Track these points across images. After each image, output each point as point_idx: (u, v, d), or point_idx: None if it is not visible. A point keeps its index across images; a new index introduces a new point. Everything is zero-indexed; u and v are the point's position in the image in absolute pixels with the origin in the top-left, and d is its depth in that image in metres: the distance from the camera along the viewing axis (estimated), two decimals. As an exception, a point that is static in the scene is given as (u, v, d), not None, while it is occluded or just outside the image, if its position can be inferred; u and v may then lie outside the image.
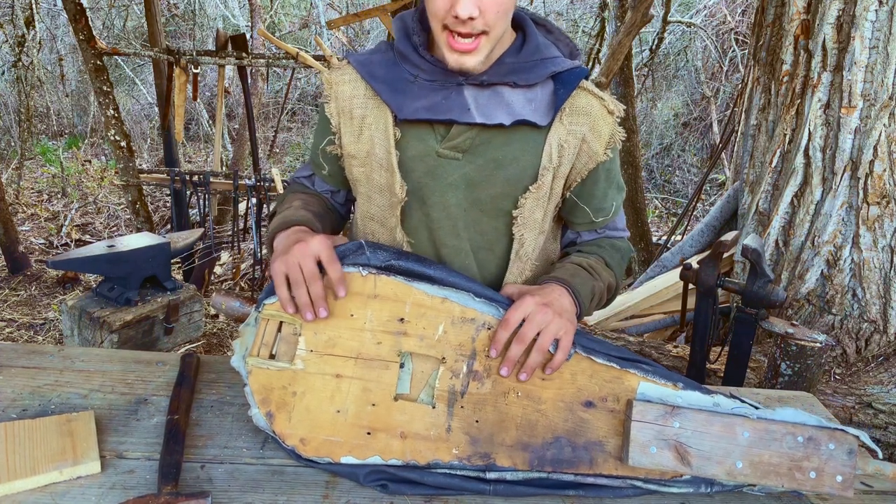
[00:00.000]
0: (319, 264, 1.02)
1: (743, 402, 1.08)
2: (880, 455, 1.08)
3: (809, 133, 2.72)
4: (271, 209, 1.38)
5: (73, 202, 6.10)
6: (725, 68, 8.11)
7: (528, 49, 1.13)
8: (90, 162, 7.48)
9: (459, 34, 1.02)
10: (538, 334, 1.01)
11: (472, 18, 0.99)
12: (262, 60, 3.78)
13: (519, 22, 1.17)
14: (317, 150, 1.28)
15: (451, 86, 1.11)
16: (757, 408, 1.07)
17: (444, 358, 1.05)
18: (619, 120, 1.19)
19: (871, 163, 2.56)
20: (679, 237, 4.95)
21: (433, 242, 1.20)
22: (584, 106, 1.15)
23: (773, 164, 2.94)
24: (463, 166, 1.14)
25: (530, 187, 1.15)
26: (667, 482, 1.06)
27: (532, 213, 1.17)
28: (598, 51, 5.37)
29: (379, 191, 1.19)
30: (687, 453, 1.02)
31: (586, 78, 1.18)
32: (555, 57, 1.15)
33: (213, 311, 3.95)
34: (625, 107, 1.21)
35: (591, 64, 5.42)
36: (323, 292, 1.02)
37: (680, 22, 7.45)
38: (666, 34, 6.32)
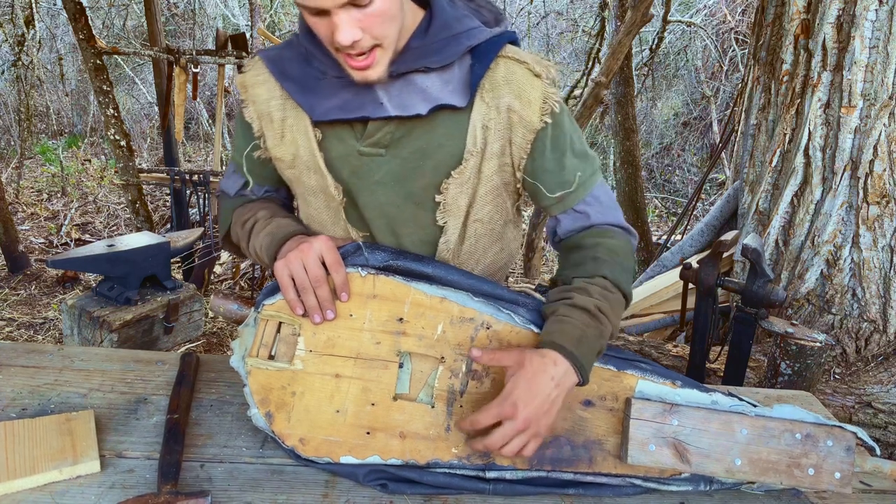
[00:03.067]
0: (324, 265, 1.02)
1: (741, 400, 1.08)
2: (878, 452, 1.08)
3: (809, 133, 2.72)
4: (222, 231, 1.29)
5: (72, 201, 6.10)
6: (725, 68, 8.10)
7: (434, 27, 1.04)
8: (90, 161, 7.48)
9: (351, 55, 0.97)
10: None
11: (356, 41, 0.93)
12: (261, 60, 3.78)
13: None
14: (241, 157, 1.20)
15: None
16: (755, 406, 1.07)
17: (443, 357, 1.05)
18: (550, 81, 1.08)
19: (871, 162, 2.56)
20: (679, 237, 4.95)
21: (372, 240, 1.15)
22: (505, 75, 1.06)
23: (773, 164, 2.93)
24: (388, 162, 1.08)
25: (453, 172, 1.08)
26: (666, 480, 1.06)
27: (456, 200, 1.10)
28: (599, 50, 5.37)
29: (313, 193, 1.15)
30: (686, 451, 1.02)
31: (514, 44, 1.10)
32: (469, 29, 1.05)
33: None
34: (554, 65, 1.10)
35: (590, 63, 5.42)
36: (330, 295, 1.02)
37: (680, 21, 7.44)
38: (666, 34, 6.32)
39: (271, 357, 1.04)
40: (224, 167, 5.61)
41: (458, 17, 1.07)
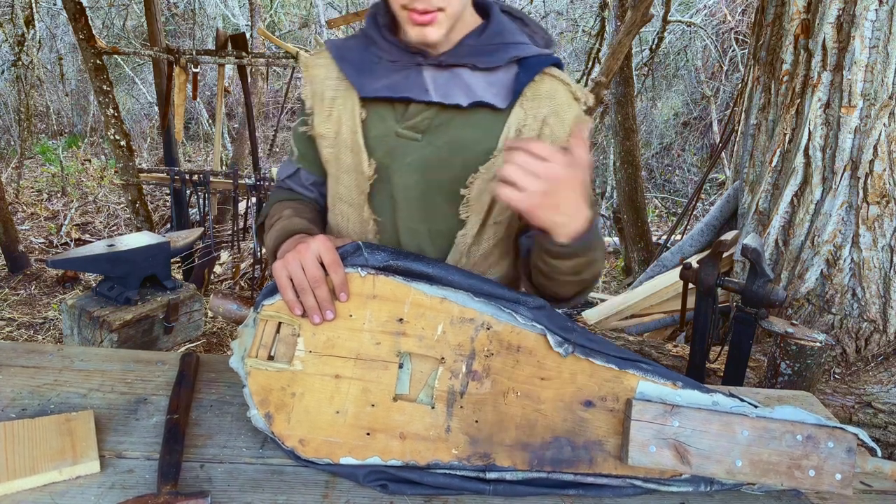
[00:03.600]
0: (322, 265, 1.02)
1: (742, 401, 1.08)
2: (879, 453, 1.08)
3: (809, 132, 2.72)
4: (258, 220, 1.36)
5: (72, 201, 6.10)
6: (725, 68, 8.11)
7: (489, 32, 1.13)
8: (90, 161, 7.48)
9: (417, 11, 1.03)
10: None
11: None
12: (261, 60, 3.78)
13: (486, 9, 1.17)
14: (297, 137, 1.28)
15: (411, 66, 1.13)
16: (756, 406, 1.07)
17: (443, 358, 1.05)
18: (585, 109, 1.15)
19: (871, 162, 2.56)
20: (679, 237, 4.95)
21: (394, 224, 1.19)
22: (548, 90, 1.13)
23: (773, 164, 2.93)
24: (422, 148, 1.13)
25: (481, 168, 1.12)
26: (666, 481, 1.06)
27: (480, 197, 1.14)
28: (598, 50, 5.37)
29: (346, 171, 1.19)
30: (686, 452, 1.02)
31: (560, 68, 1.16)
32: (520, 42, 1.14)
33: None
34: (593, 96, 1.17)
35: (590, 63, 5.41)
36: (329, 295, 1.02)
37: (680, 21, 7.44)
38: (666, 34, 6.32)
39: (271, 358, 1.04)
40: (224, 167, 5.61)
41: (513, 30, 1.15)
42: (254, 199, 3.94)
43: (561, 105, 1.13)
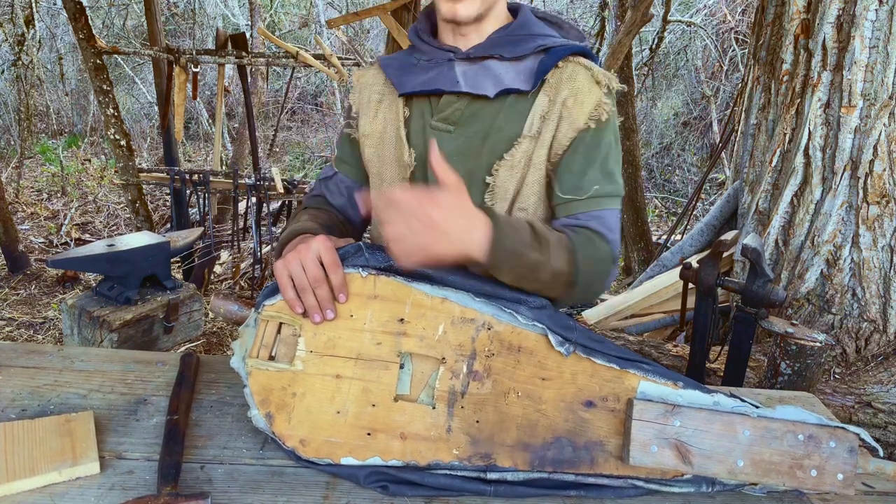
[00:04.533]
0: (322, 266, 1.03)
1: (743, 401, 1.08)
2: (881, 453, 1.08)
3: (809, 132, 2.72)
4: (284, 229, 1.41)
5: (72, 201, 6.10)
6: (725, 67, 8.11)
7: (515, 25, 1.19)
8: (90, 161, 7.48)
9: None
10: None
11: None
12: (261, 59, 3.78)
13: (515, 9, 1.24)
14: (340, 141, 1.35)
15: (444, 62, 1.20)
16: (757, 407, 1.07)
17: (444, 358, 1.05)
18: (609, 93, 1.15)
19: (871, 162, 2.56)
20: (679, 236, 4.95)
21: None
22: (570, 74, 1.15)
23: (773, 164, 2.93)
24: (455, 139, 1.17)
25: (505, 155, 1.14)
26: (668, 482, 1.06)
27: (504, 183, 1.16)
28: (599, 50, 5.37)
29: (390, 164, 1.25)
30: (688, 452, 1.02)
31: (589, 58, 1.19)
32: (547, 35, 1.18)
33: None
34: (621, 84, 1.18)
35: (591, 63, 5.41)
36: (329, 295, 1.03)
37: (680, 21, 7.45)
38: (666, 33, 6.32)
39: (272, 358, 1.04)
40: (224, 167, 5.61)
41: (541, 25, 1.21)
42: (253, 199, 3.94)
43: (580, 88, 1.14)
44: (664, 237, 5.07)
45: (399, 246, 0.93)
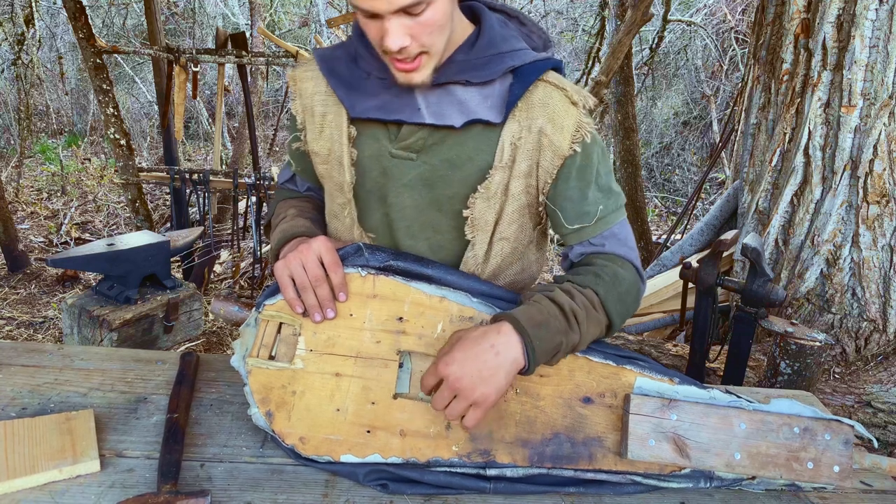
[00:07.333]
0: (322, 265, 1.03)
1: (739, 397, 1.08)
2: (876, 444, 1.08)
3: (809, 132, 2.72)
4: (265, 219, 1.36)
5: (72, 200, 6.10)
6: (725, 67, 8.10)
7: (481, 44, 1.07)
8: (90, 160, 7.48)
9: (399, 59, 0.99)
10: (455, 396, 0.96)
11: (404, 47, 0.96)
12: (261, 59, 3.78)
13: (477, 13, 1.11)
14: (291, 152, 1.27)
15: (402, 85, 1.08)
16: (752, 402, 1.07)
17: (443, 357, 1.05)
18: (586, 112, 1.09)
19: (871, 162, 2.56)
20: (679, 236, 4.95)
21: (393, 242, 1.17)
22: (542, 98, 1.07)
23: (773, 163, 2.93)
24: (418, 166, 1.10)
25: (479, 187, 1.09)
26: (666, 477, 1.06)
27: (483, 215, 1.11)
28: (598, 49, 5.37)
29: (338, 189, 1.17)
30: (685, 445, 1.02)
31: (558, 70, 1.12)
32: (515, 50, 1.08)
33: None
34: (594, 99, 1.11)
35: (591, 62, 5.41)
36: (330, 294, 1.03)
37: (680, 21, 7.44)
38: (666, 33, 6.32)
39: (272, 357, 1.04)
40: (224, 166, 5.61)
41: (506, 36, 1.09)
42: (253, 199, 3.94)
43: (556, 112, 1.07)
44: (664, 237, 5.08)
45: (473, 416, 0.95)
